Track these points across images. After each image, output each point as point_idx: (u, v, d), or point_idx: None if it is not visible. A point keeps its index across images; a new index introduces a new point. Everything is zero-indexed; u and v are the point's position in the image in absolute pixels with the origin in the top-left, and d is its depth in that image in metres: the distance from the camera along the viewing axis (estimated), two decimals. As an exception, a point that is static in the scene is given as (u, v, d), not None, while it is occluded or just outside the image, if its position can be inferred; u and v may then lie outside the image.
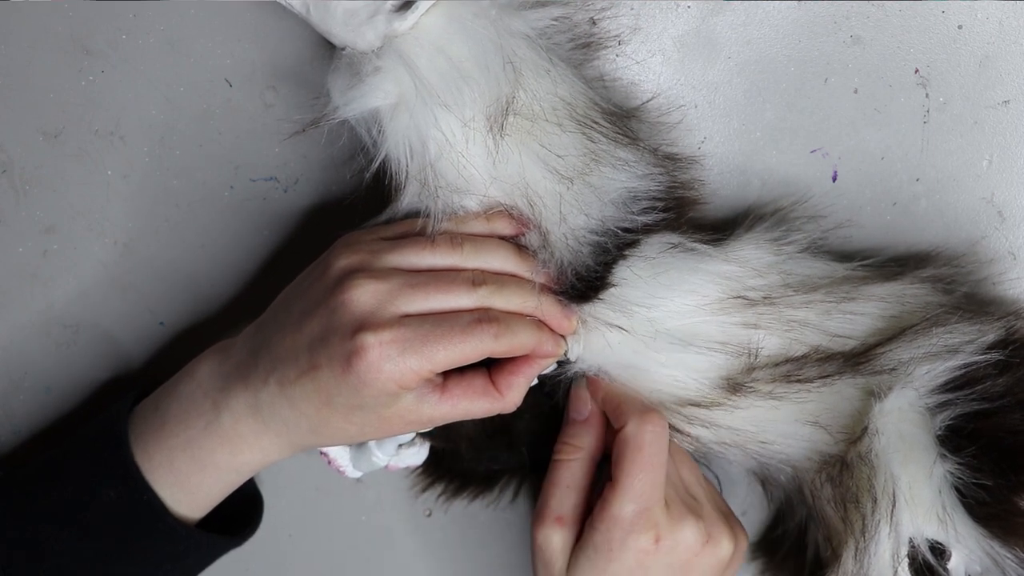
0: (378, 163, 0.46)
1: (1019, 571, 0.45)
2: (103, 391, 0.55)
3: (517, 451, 0.52)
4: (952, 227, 0.53)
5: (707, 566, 0.47)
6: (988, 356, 0.46)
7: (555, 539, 0.47)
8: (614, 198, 0.46)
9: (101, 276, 0.53)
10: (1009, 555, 0.44)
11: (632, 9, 0.50)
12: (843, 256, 0.52)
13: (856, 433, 0.47)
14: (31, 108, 0.51)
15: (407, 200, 0.46)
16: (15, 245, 0.53)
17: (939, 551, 0.45)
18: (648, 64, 0.51)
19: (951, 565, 0.45)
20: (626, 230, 0.46)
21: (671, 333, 0.47)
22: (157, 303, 0.54)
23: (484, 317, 0.44)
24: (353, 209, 0.50)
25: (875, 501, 0.45)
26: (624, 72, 0.51)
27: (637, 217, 0.46)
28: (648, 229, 0.47)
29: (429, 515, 0.58)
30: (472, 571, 0.58)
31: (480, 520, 0.58)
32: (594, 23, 0.49)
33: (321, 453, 0.51)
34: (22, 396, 0.55)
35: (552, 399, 0.50)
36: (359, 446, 0.51)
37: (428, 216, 0.45)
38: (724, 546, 0.47)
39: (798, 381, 0.47)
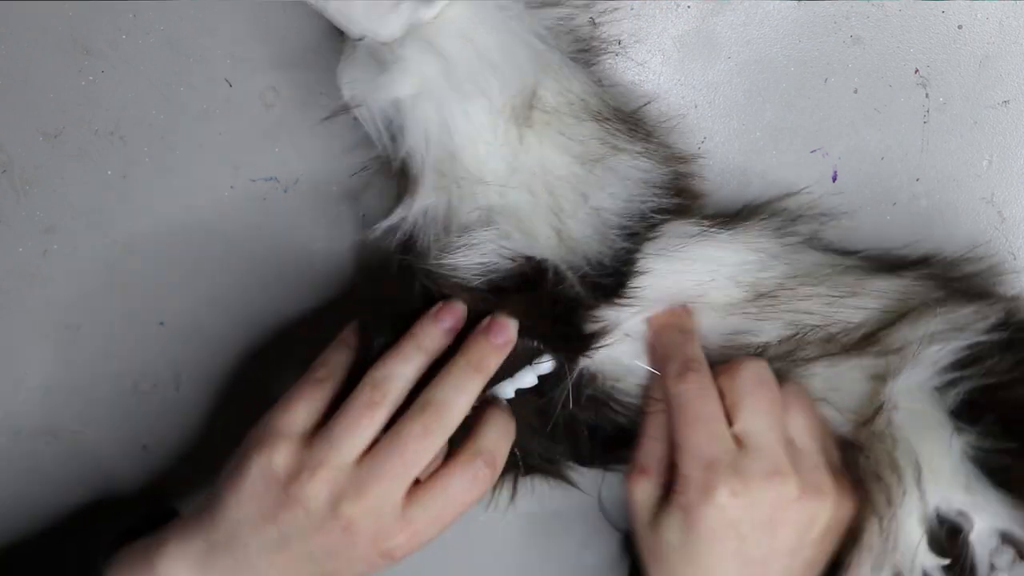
0: (395, 155, 0.45)
1: None
2: (103, 391, 0.55)
3: (511, 453, 0.52)
4: (952, 227, 0.53)
5: (798, 522, 0.45)
6: (992, 336, 0.46)
7: (638, 489, 0.47)
8: (634, 182, 0.46)
9: (101, 276, 0.53)
10: None
11: (632, 9, 0.50)
12: (845, 254, 0.52)
13: (867, 415, 0.47)
14: (31, 108, 0.51)
15: (424, 192, 0.46)
16: (15, 245, 0.53)
17: (957, 526, 0.45)
18: (648, 64, 0.51)
19: (973, 536, 0.44)
20: (646, 215, 0.47)
21: None
22: (157, 303, 0.54)
23: (475, 465, 0.45)
24: (353, 209, 0.50)
25: (900, 473, 0.45)
26: (624, 72, 0.51)
27: (654, 201, 0.47)
28: (665, 212, 0.47)
29: (429, 515, 0.58)
30: (472, 571, 0.58)
31: (480, 520, 0.58)
32: (594, 24, 0.49)
33: None
34: (22, 396, 0.55)
35: (544, 399, 0.50)
36: None
37: (330, 363, 0.46)
38: (821, 503, 0.45)
39: (803, 360, 0.48)
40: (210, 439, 0.55)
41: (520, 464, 0.53)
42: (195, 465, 0.55)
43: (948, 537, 0.44)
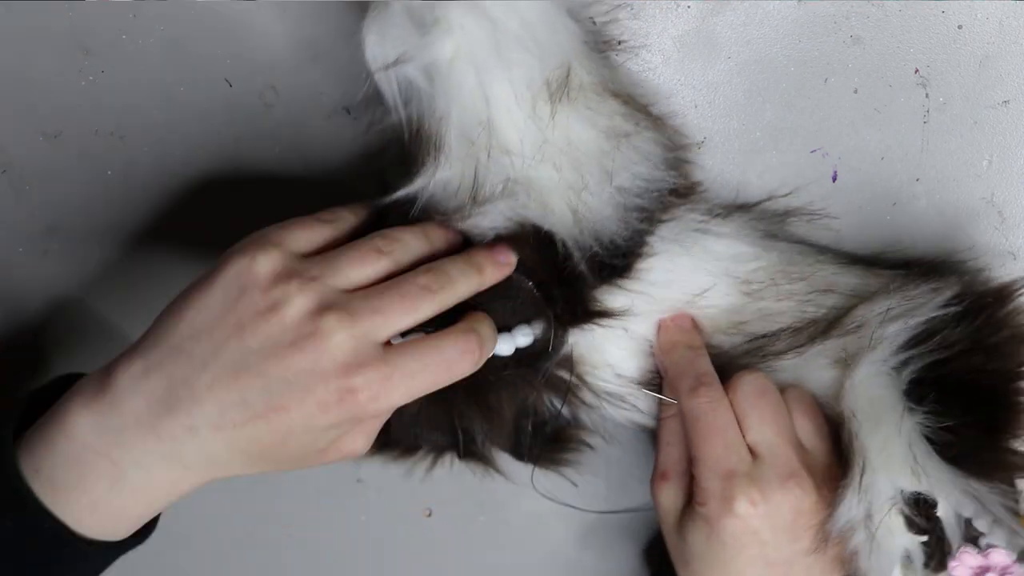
0: (413, 122, 0.45)
1: (1004, 502, 0.43)
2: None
3: (452, 433, 0.51)
4: (952, 227, 0.53)
5: (819, 523, 0.46)
6: (947, 310, 0.47)
7: (662, 495, 0.48)
8: (655, 163, 0.47)
9: (101, 276, 0.53)
10: (988, 489, 0.44)
11: (632, 9, 0.50)
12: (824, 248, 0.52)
13: (837, 417, 0.48)
14: (31, 108, 0.51)
15: (448, 161, 0.45)
16: (15, 245, 0.53)
17: (931, 502, 0.45)
18: (648, 64, 0.51)
19: (941, 513, 0.44)
20: (664, 197, 0.47)
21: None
22: (157, 303, 0.54)
23: (469, 339, 0.42)
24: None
25: (849, 471, 0.45)
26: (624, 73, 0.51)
27: (672, 181, 0.47)
28: (680, 195, 0.48)
29: (429, 515, 0.58)
30: (472, 571, 0.58)
31: (480, 521, 0.58)
32: (595, 24, 0.49)
33: None
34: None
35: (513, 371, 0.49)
36: None
37: (355, 210, 0.45)
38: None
39: (772, 355, 0.48)
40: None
41: (459, 446, 0.51)
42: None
43: (921, 517, 0.44)
